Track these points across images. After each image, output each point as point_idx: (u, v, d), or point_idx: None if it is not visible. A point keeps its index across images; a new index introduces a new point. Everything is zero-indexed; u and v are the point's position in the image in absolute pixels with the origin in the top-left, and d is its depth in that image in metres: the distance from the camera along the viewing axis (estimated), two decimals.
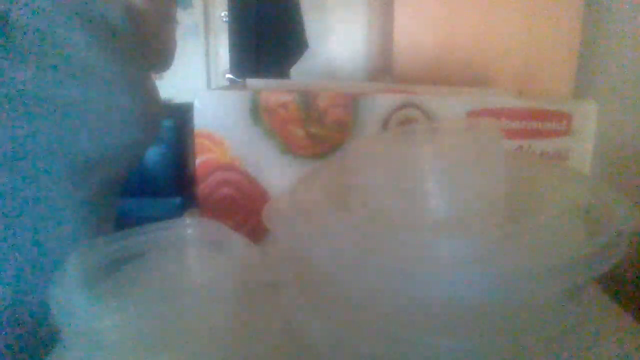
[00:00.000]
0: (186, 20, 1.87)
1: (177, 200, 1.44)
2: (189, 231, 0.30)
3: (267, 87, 0.53)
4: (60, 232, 0.36)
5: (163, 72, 0.54)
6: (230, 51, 1.43)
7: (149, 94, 0.43)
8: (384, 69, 0.83)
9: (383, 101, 0.43)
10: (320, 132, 0.43)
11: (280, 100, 0.42)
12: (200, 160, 0.44)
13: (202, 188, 0.44)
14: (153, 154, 1.40)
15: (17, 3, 0.34)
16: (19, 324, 0.34)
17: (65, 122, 0.36)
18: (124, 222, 0.43)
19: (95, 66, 0.38)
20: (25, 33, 0.34)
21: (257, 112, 0.43)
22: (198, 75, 1.92)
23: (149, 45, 0.48)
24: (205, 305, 0.24)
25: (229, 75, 1.48)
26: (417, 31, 0.67)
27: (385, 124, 0.43)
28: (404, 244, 0.23)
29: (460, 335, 0.22)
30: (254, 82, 0.53)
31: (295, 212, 0.28)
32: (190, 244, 0.30)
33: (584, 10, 0.62)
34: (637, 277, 0.41)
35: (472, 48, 0.66)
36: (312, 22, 1.35)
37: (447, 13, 0.66)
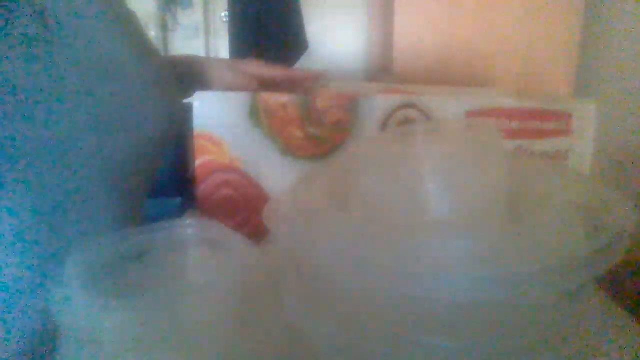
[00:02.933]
0: (186, 20, 1.87)
1: (177, 200, 1.44)
2: (189, 231, 0.30)
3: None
4: (96, 227, 0.37)
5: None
6: (230, 51, 1.43)
7: (172, 89, 0.44)
8: (384, 69, 0.83)
9: (382, 101, 0.43)
10: (320, 132, 0.43)
11: (279, 101, 0.42)
12: (200, 161, 0.44)
13: (202, 189, 0.44)
14: None
15: None
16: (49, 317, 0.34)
17: (100, 117, 0.36)
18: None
19: (125, 60, 0.38)
20: (62, 28, 0.34)
21: (256, 112, 0.43)
22: None
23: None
24: (205, 305, 0.24)
25: None
26: (417, 31, 0.67)
27: (384, 125, 0.43)
28: (404, 244, 0.23)
29: (460, 335, 0.22)
30: None
31: (295, 212, 0.28)
32: (190, 244, 0.30)
33: (584, 10, 0.62)
34: (637, 277, 0.41)
35: (472, 48, 0.66)
36: (312, 22, 1.35)
37: (447, 13, 0.66)
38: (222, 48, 1.84)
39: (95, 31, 0.36)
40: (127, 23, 0.41)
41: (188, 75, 0.52)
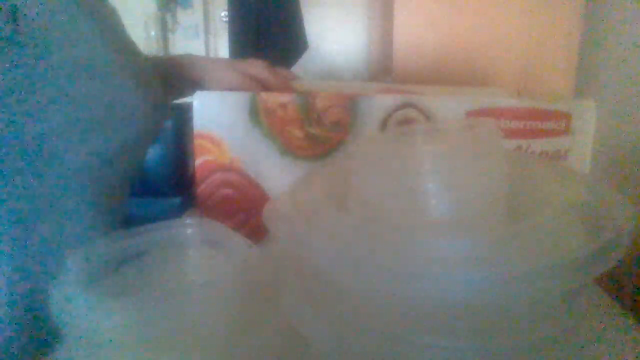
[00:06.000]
0: (186, 20, 1.87)
1: (177, 200, 1.44)
2: (189, 231, 0.30)
3: None
4: (73, 229, 0.36)
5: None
6: (230, 51, 1.43)
7: (154, 89, 0.43)
8: (384, 69, 0.83)
9: (381, 102, 0.43)
10: (319, 132, 0.43)
11: (279, 101, 0.42)
12: (200, 161, 0.44)
13: (202, 189, 0.44)
14: (153, 154, 1.39)
15: None
16: (28, 321, 0.34)
17: (77, 118, 0.35)
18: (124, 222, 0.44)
19: (103, 60, 0.37)
20: (35, 28, 0.34)
21: (256, 112, 0.43)
22: None
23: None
24: (205, 305, 0.24)
25: None
26: (417, 31, 0.67)
27: (383, 125, 0.43)
28: (404, 244, 0.23)
29: (460, 335, 0.22)
30: None
31: (295, 212, 0.28)
32: (190, 244, 0.30)
33: (584, 10, 0.62)
34: (637, 277, 0.41)
35: (472, 48, 0.66)
36: (312, 22, 1.35)
37: (447, 13, 0.66)
38: (222, 48, 1.85)
39: (71, 31, 0.35)
40: (106, 21, 0.40)
41: (185, 75, 0.52)
